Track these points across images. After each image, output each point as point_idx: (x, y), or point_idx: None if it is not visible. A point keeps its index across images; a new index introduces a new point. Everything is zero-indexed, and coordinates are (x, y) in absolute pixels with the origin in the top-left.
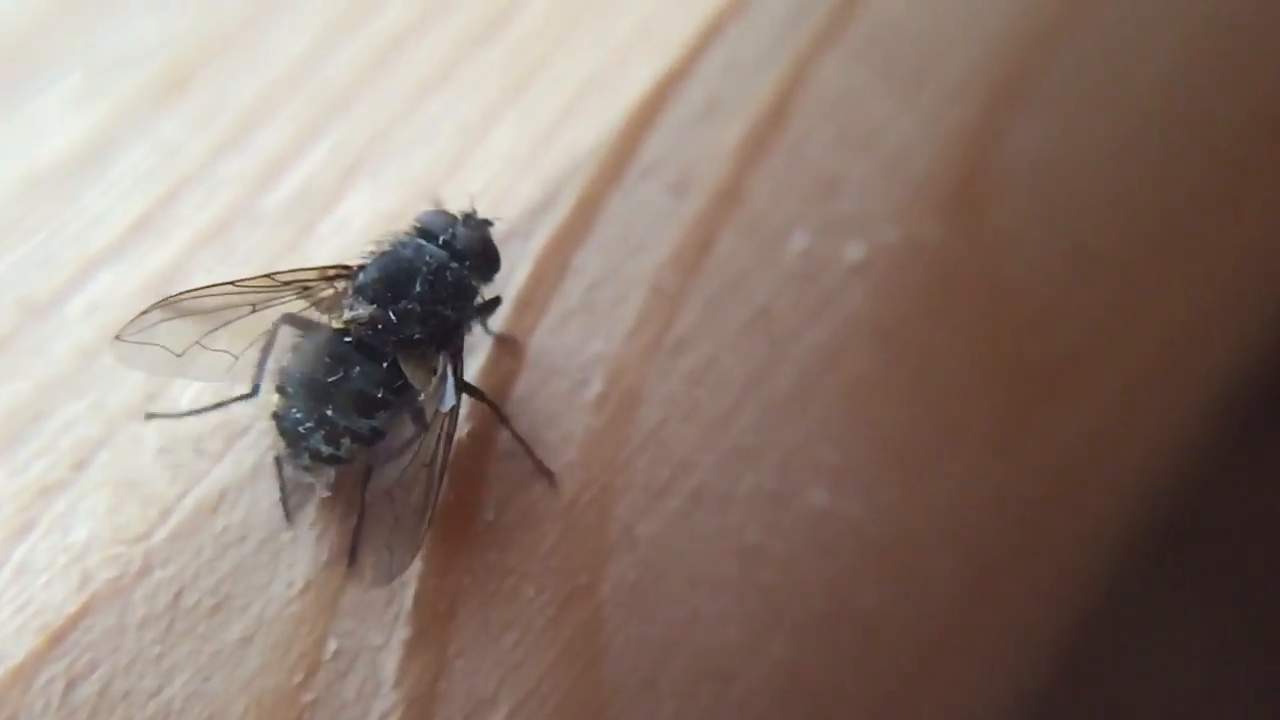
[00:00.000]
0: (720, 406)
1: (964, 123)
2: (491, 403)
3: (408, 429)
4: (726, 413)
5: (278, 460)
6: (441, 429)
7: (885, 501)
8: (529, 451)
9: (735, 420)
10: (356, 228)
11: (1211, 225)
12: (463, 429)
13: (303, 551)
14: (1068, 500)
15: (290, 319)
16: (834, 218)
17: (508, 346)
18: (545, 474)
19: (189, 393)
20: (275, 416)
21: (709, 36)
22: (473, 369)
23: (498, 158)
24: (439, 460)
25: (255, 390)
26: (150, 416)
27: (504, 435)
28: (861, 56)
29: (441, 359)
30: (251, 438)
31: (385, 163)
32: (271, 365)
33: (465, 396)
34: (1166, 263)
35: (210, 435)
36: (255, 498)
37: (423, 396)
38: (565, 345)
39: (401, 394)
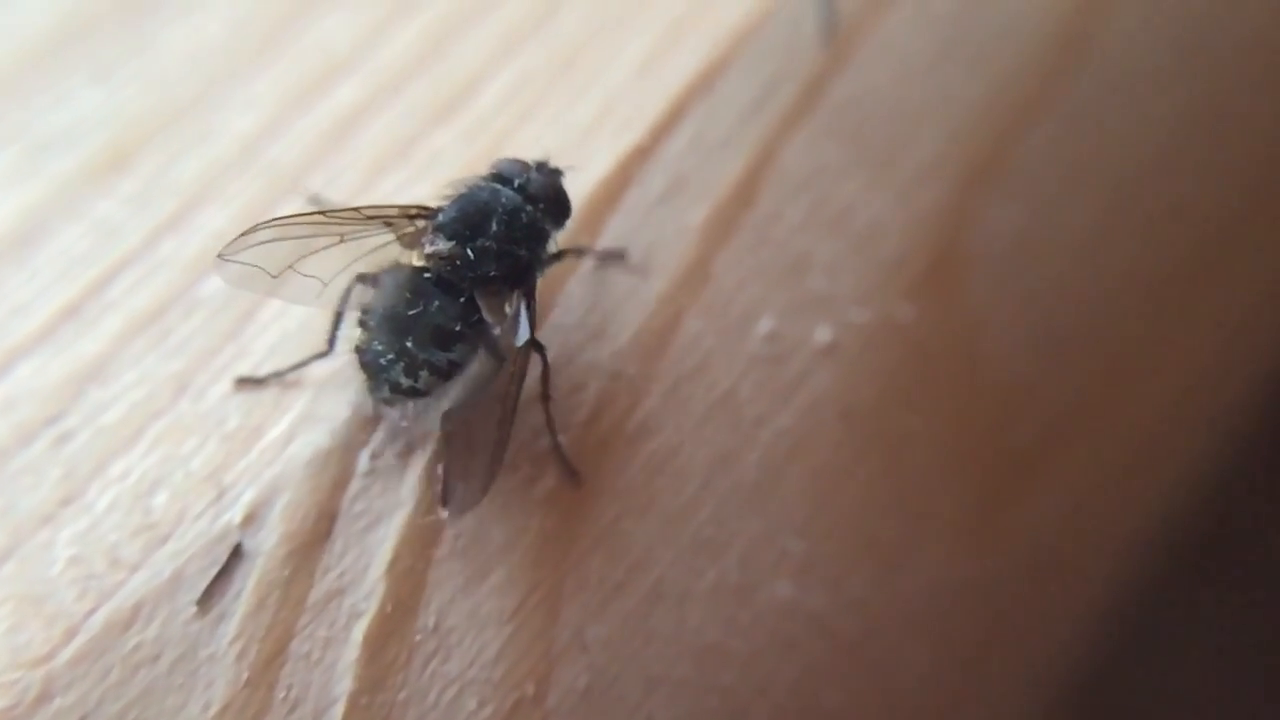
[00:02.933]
0: (681, 497)
1: (936, 202)
2: (546, 362)
3: (482, 364)
4: (687, 504)
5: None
6: (515, 364)
7: (853, 594)
8: (554, 438)
9: (696, 511)
10: (299, 314)
11: (1192, 305)
12: (405, 523)
13: (221, 670)
14: (1045, 588)
15: (364, 278)
16: (802, 299)
17: (617, 259)
18: (571, 473)
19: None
20: (357, 350)
21: (674, 115)
22: None
23: None
24: (512, 394)
25: (331, 348)
26: (240, 380)
27: (447, 536)
28: (831, 134)
29: (515, 297)
30: (172, 545)
31: None
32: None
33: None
34: (1145, 344)
35: (127, 542)
36: (174, 610)
37: (497, 332)
38: (517, 436)
39: (477, 329)
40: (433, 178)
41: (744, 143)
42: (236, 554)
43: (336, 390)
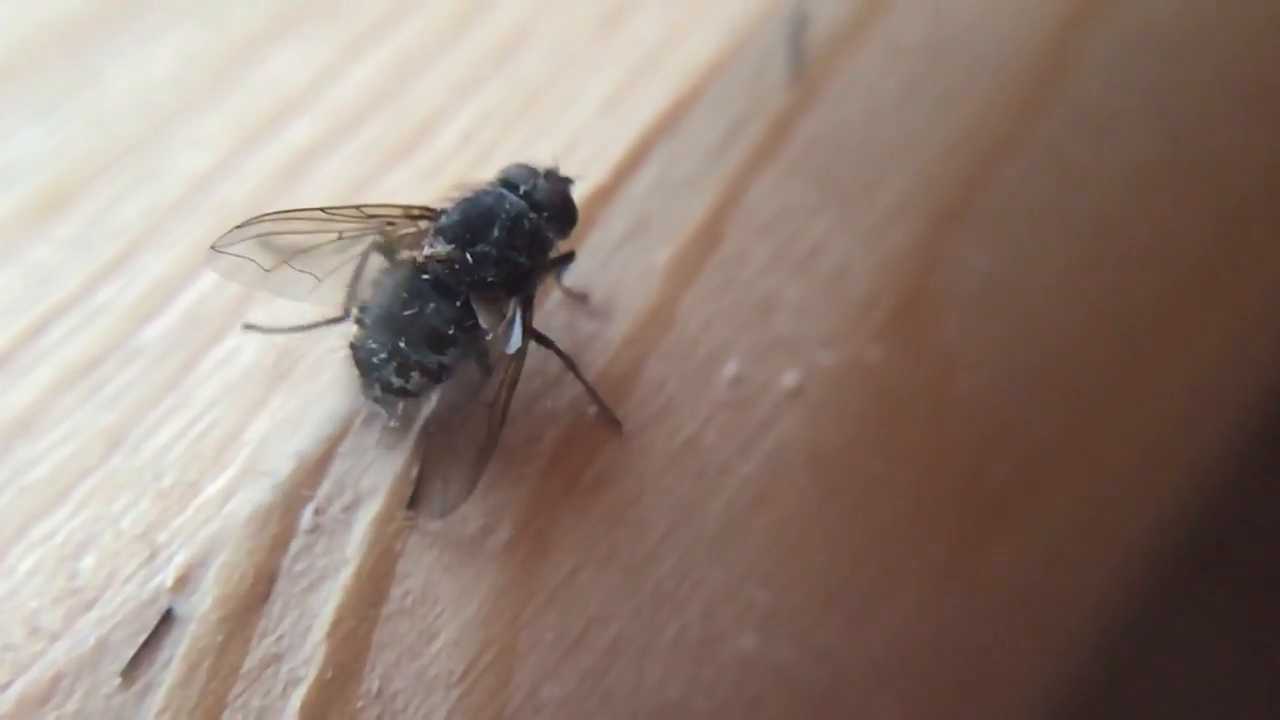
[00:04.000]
0: (641, 548)
1: (905, 242)
2: (561, 352)
3: (474, 369)
4: (648, 555)
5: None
6: (506, 371)
7: (821, 644)
8: (596, 398)
9: (657, 563)
10: (244, 362)
11: (1166, 342)
12: (350, 581)
13: None
14: (1022, 632)
15: (380, 246)
16: (768, 342)
17: (576, 300)
18: (613, 423)
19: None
20: (352, 346)
21: (638, 154)
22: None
23: None
24: (502, 401)
25: (347, 314)
26: (248, 327)
27: (394, 594)
28: (799, 174)
29: (513, 304)
30: (98, 611)
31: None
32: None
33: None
34: (1120, 382)
35: (49, 609)
36: (96, 682)
37: (491, 338)
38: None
39: (471, 333)
40: (432, 183)
41: (709, 182)
42: (167, 619)
43: (281, 442)
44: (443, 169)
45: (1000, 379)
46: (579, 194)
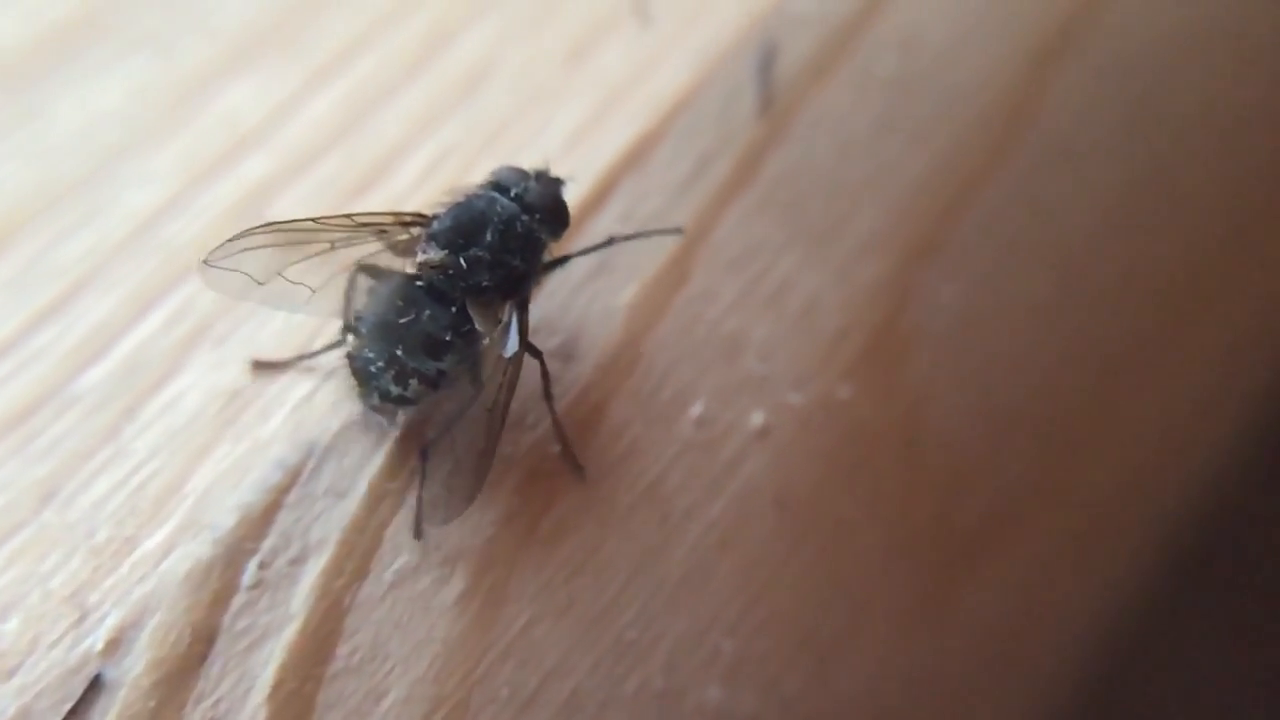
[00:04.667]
0: (602, 598)
1: (876, 278)
2: (545, 367)
3: (473, 375)
4: (609, 604)
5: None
6: (504, 376)
7: (788, 692)
8: (562, 436)
9: (619, 612)
10: (189, 408)
11: (1141, 377)
12: (294, 639)
13: None
14: (997, 673)
15: (366, 267)
16: (735, 381)
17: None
18: (576, 469)
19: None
20: (349, 357)
21: (603, 190)
22: None
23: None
24: (500, 406)
25: (345, 338)
26: (257, 364)
27: (341, 651)
28: (767, 209)
29: (508, 308)
30: (20, 679)
31: (234, 329)
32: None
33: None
34: (1094, 417)
35: None
36: None
37: (487, 342)
38: (425, 537)
39: (468, 339)
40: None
41: (676, 219)
42: (95, 686)
43: (224, 493)
44: (401, 206)
45: (972, 416)
46: None
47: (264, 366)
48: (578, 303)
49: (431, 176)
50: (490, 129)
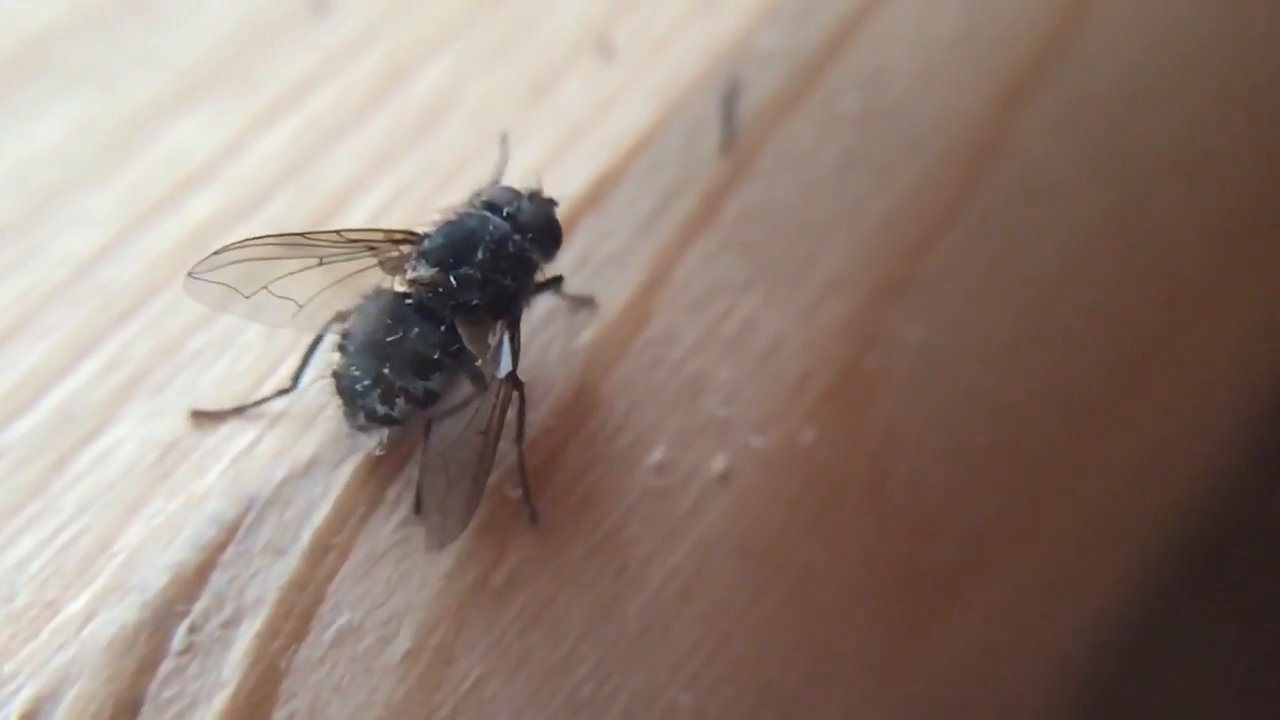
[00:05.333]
0: (556, 652)
1: (840, 318)
2: (523, 397)
3: (462, 394)
4: (563, 659)
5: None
6: (496, 396)
7: None
8: (524, 479)
9: (573, 668)
10: (122, 460)
11: (1112, 414)
12: (225, 704)
13: None
14: (969, 717)
15: (341, 317)
16: (697, 425)
17: (587, 306)
18: (531, 514)
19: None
20: (335, 375)
21: (563, 228)
22: None
23: (313, 366)
24: (493, 427)
25: (294, 385)
26: (196, 415)
27: (279, 716)
28: (730, 249)
29: (499, 327)
30: None
31: (172, 377)
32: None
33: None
34: (1064, 456)
35: None
36: None
37: (478, 363)
38: (369, 594)
39: (457, 358)
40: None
41: (637, 258)
42: None
43: (155, 551)
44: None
45: (940, 457)
46: None
47: (203, 417)
48: (535, 344)
49: (386, 215)
50: (448, 166)
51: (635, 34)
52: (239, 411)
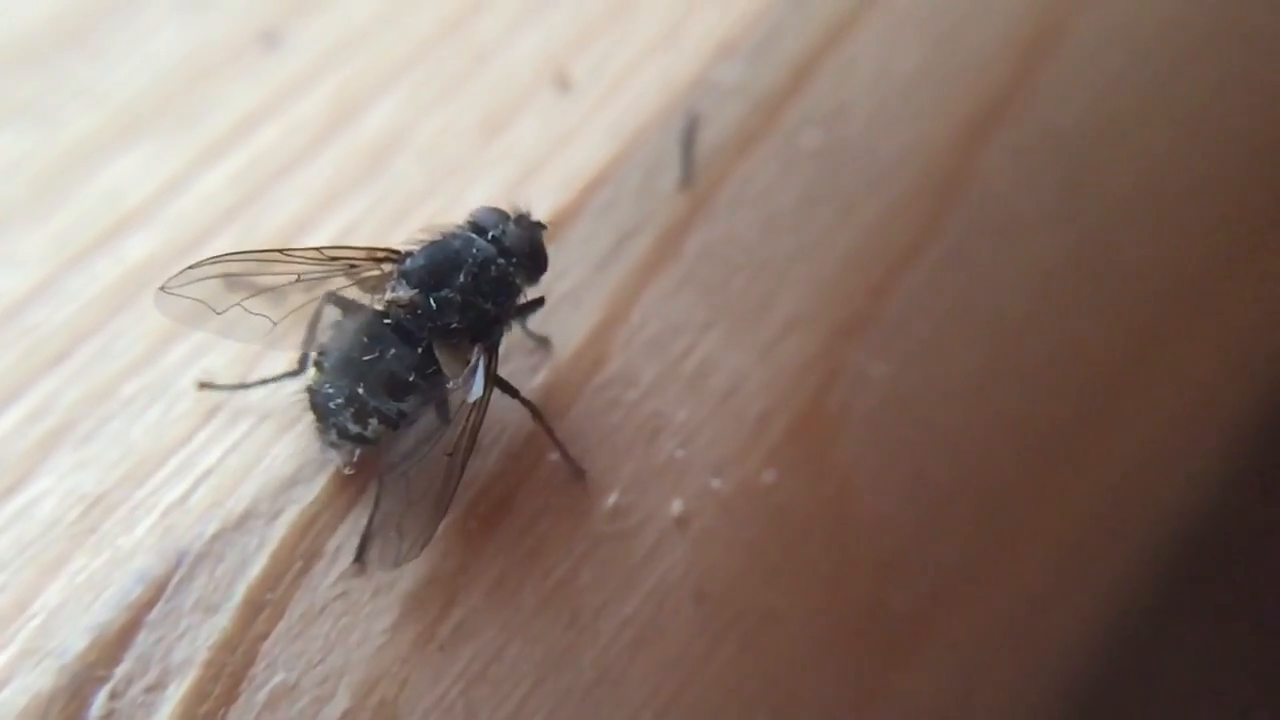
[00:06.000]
0: (504, 709)
1: (801, 356)
2: (526, 401)
3: (434, 416)
4: (512, 715)
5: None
6: (467, 420)
7: None
8: (562, 450)
9: None
10: (44, 515)
11: (1079, 451)
12: None
13: None
14: None
15: (334, 297)
16: (653, 468)
17: (542, 347)
18: (576, 472)
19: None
20: (309, 391)
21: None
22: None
23: (252, 414)
24: (461, 451)
25: (304, 367)
26: (203, 386)
27: None
28: (688, 287)
29: (476, 351)
30: None
31: (101, 426)
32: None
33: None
34: (1031, 494)
35: None
36: None
37: (452, 385)
38: (305, 652)
39: (432, 380)
40: (231, 347)
41: (593, 297)
42: None
43: (76, 612)
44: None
45: (904, 497)
46: None
47: (210, 388)
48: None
49: None
50: (398, 204)
51: (593, 69)
52: (244, 388)
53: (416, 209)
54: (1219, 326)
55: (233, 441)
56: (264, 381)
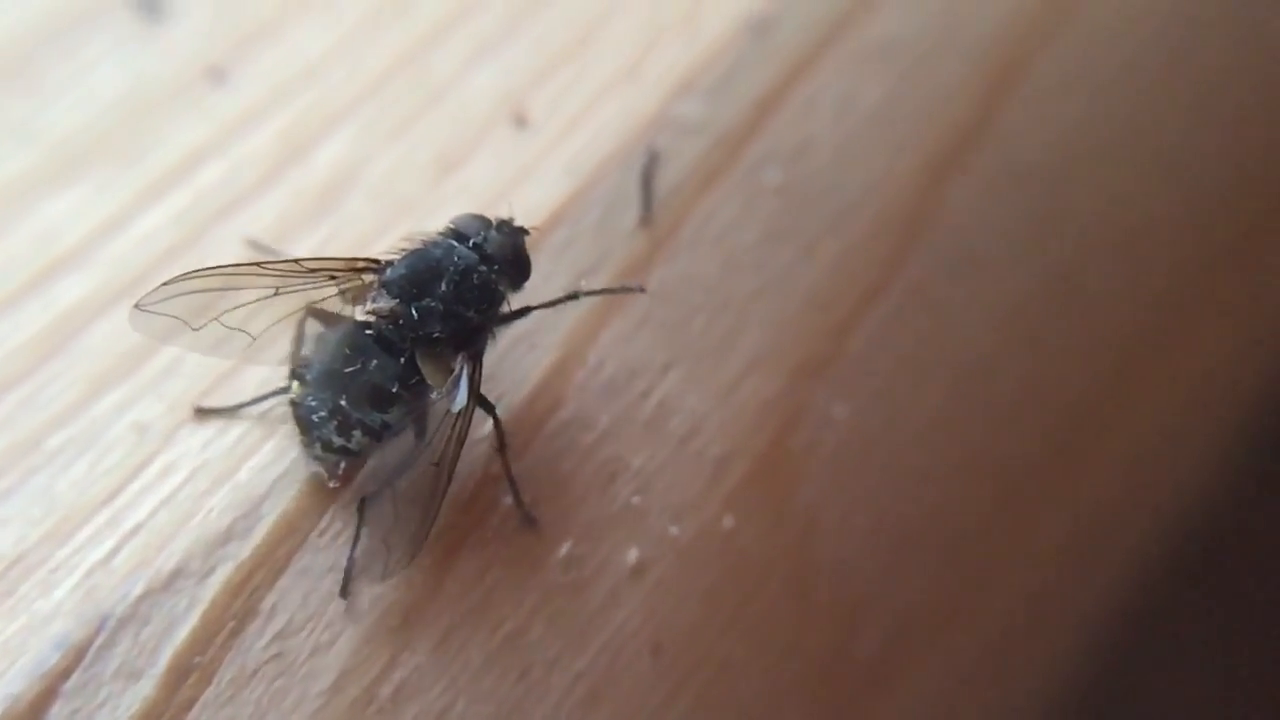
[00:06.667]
0: None
1: (762, 398)
2: (497, 418)
3: (419, 427)
4: None
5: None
6: (453, 430)
7: None
8: (515, 493)
9: None
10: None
11: (1044, 491)
12: None
13: None
14: None
15: (315, 311)
16: (609, 515)
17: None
18: (528, 520)
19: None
20: (292, 404)
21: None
22: None
23: (187, 465)
24: (447, 461)
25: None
26: (200, 411)
27: None
28: (646, 328)
29: (460, 360)
30: None
31: (25, 480)
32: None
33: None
34: (996, 534)
35: None
36: None
37: (436, 396)
38: (236, 719)
39: (416, 391)
40: (167, 391)
41: (549, 338)
42: None
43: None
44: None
45: (868, 540)
46: None
47: (205, 414)
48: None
49: None
50: (348, 243)
51: (551, 105)
52: (241, 408)
53: (367, 248)
54: (1187, 359)
55: (165, 495)
56: (260, 399)
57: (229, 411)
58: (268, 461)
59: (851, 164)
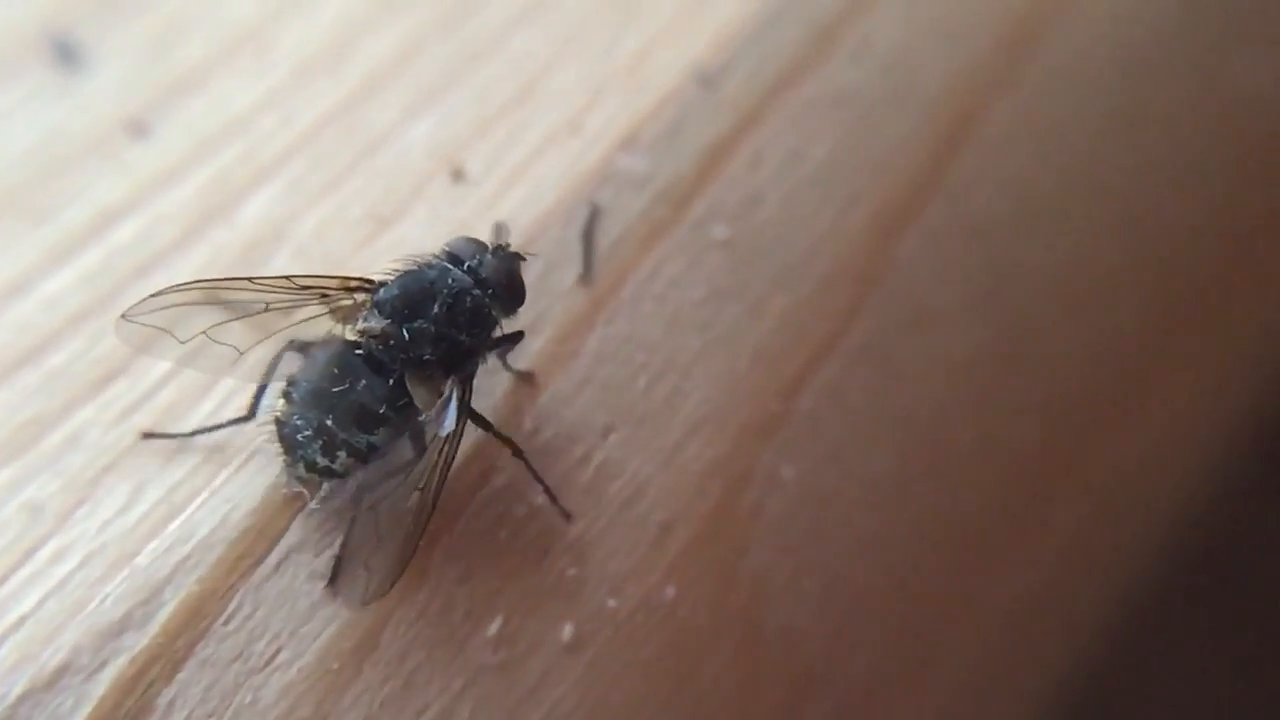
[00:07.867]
0: None
1: (707, 462)
2: (501, 435)
3: (406, 450)
4: None
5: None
6: (440, 454)
7: None
8: (546, 489)
9: None
10: None
11: (998, 550)
12: None
13: None
14: None
15: (296, 345)
16: (542, 588)
17: (526, 383)
18: (563, 513)
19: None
20: (277, 422)
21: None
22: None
23: (82, 548)
24: (433, 485)
25: (252, 415)
26: (148, 436)
27: None
28: (585, 390)
29: (450, 383)
30: None
31: None
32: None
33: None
34: (949, 596)
35: None
36: None
37: (424, 418)
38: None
39: (403, 413)
40: (66, 467)
41: (484, 402)
42: None
43: None
44: (140, 408)
45: (818, 604)
46: None
47: (154, 437)
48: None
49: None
50: None
51: (490, 158)
52: (195, 435)
53: None
54: (1145, 413)
55: (56, 581)
56: (215, 428)
57: (180, 437)
58: (171, 543)
59: (800, 218)
